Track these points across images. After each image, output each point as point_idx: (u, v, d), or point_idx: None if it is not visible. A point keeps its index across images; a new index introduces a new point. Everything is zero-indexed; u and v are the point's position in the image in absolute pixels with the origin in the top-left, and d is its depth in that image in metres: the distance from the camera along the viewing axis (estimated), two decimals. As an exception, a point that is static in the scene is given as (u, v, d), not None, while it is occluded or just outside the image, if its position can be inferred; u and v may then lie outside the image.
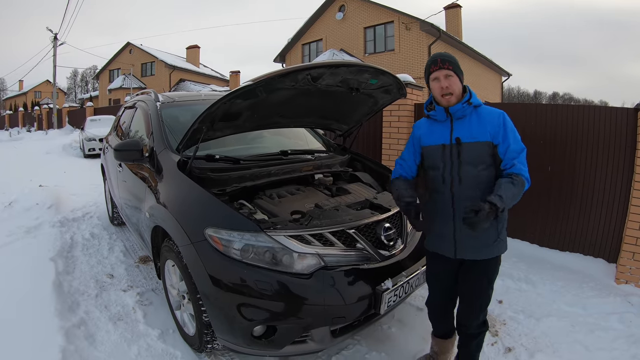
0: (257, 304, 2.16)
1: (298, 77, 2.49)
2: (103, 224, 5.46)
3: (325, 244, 2.35)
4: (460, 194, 2.14)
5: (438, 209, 2.24)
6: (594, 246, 4.28)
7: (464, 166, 2.12)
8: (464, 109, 2.13)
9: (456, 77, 2.12)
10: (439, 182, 2.21)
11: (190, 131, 2.64)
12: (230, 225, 2.26)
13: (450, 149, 2.15)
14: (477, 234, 2.07)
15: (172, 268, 2.81)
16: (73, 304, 3.24)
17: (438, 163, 2.20)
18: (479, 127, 2.10)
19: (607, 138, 4.13)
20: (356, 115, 3.46)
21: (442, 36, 18.18)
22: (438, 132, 2.21)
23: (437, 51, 18.21)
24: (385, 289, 2.33)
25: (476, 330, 2.33)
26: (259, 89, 2.44)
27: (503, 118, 2.10)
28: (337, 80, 2.73)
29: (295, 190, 3.01)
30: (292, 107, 3.00)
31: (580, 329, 3.11)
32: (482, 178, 2.11)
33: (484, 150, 2.10)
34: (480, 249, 2.18)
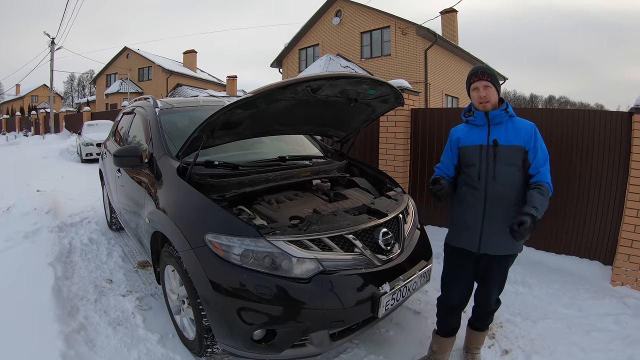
0: (256, 308, 2.19)
1: (298, 89, 2.53)
2: (101, 229, 5.47)
3: (323, 248, 2.38)
4: (493, 190, 2.38)
5: (470, 202, 2.47)
6: (589, 249, 4.32)
7: (498, 165, 2.38)
8: (501, 116, 2.39)
9: (493, 88, 2.39)
10: (475, 177, 2.45)
11: (190, 139, 2.67)
12: (230, 231, 2.29)
13: (487, 149, 2.41)
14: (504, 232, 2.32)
15: (171, 273, 2.83)
16: (72, 309, 3.25)
17: (475, 161, 2.45)
18: (514, 133, 2.37)
19: (602, 142, 4.17)
20: (354, 123, 3.51)
21: (438, 41, 18.22)
22: (476, 135, 2.47)
23: (434, 56, 18.60)
24: (383, 292, 2.37)
25: (495, 305, 2.66)
26: (259, 100, 2.47)
27: (534, 129, 2.40)
28: (336, 91, 2.78)
29: (294, 195, 3.04)
30: (291, 115, 3.04)
31: (577, 330, 3.14)
32: (514, 178, 2.38)
33: (517, 154, 2.36)
34: (503, 246, 2.41)
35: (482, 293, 2.62)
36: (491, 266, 2.49)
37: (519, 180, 2.39)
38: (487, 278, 2.55)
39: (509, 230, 2.25)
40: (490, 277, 2.53)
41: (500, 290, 2.62)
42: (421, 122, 5.51)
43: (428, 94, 17.94)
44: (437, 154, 5.34)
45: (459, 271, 2.60)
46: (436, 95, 19.18)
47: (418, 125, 5.53)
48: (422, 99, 15.09)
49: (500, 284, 2.58)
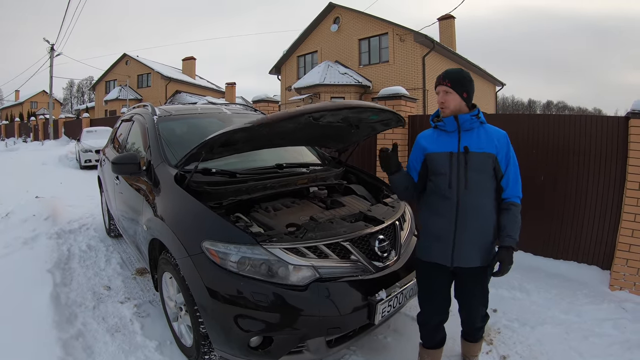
0: (253, 315, 2.19)
1: (300, 119, 2.54)
2: (100, 236, 5.47)
3: (320, 256, 2.39)
4: (465, 199, 2.28)
5: (441, 213, 2.35)
6: (587, 254, 4.32)
7: (470, 173, 2.27)
8: (471, 121, 2.29)
9: (454, 93, 2.28)
10: (445, 186, 2.33)
11: (189, 154, 2.70)
12: (227, 238, 2.30)
13: (457, 156, 2.30)
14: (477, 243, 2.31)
15: (169, 280, 2.83)
16: (71, 315, 3.25)
17: (444, 169, 2.33)
18: (486, 140, 2.29)
19: (600, 146, 4.20)
20: (354, 138, 3.51)
21: (436, 47, 18.28)
22: (445, 142, 2.35)
23: (431, 62, 18.64)
24: (379, 299, 2.38)
25: (482, 322, 2.58)
26: (260, 127, 2.43)
27: (507, 138, 2.33)
28: (338, 118, 2.79)
29: (291, 203, 3.05)
30: (292, 136, 3.06)
31: (575, 336, 3.14)
32: (485, 185, 2.30)
33: (488, 161, 2.28)
34: (476, 258, 2.31)
35: (465, 311, 2.54)
36: (467, 280, 2.40)
37: (491, 188, 2.32)
38: (465, 294, 2.47)
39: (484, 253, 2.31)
40: (469, 292, 2.45)
41: (484, 305, 2.52)
42: (419, 128, 5.51)
43: (426, 101, 17.97)
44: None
45: (434, 288, 2.48)
46: (434, 101, 18.90)
47: (416, 132, 5.50)
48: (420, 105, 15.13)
49: (481, 298, 2.48)
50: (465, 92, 2.28)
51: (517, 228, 2.28)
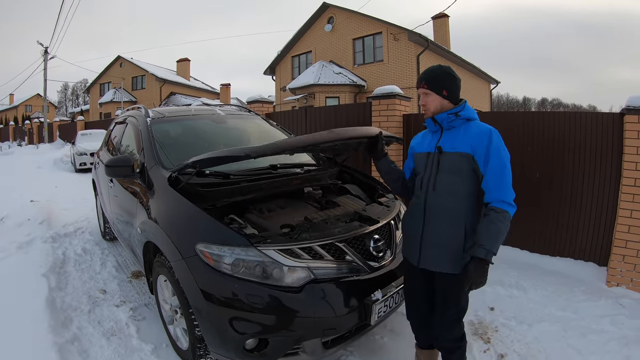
0: (248, 317, 2.18)
1: (294, 151, 2.52)
2: (95, 239, 5.44)
3: (314, 257, 2.37)
4: (432, 201, 2.22)
5: (412, 212, 2.35)
6: (584, 250, 4.34)
7: (440, 174, 2.20)
8: (449, 119, 2.19)
9: (433, 94, 2.21)
10: (418, 186, 2.33)
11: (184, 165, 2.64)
12: (220, 240, 2.28)
13: (432, 157, 2.25)
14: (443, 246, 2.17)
15: (164, 283, 2.82)
16: (66, 319, 3.22)
17: (421, 169, 2.32)
18: (462, 139, 2.15)
19: (595, 143, 4.21)
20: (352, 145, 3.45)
21: (430, 46, 18.28)
22: (428, 142, 2.32)
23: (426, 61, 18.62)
24: (375, 300, 2.36)
25: (452, 344, 2.31)
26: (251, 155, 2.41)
27: (490, 134, 2.10)
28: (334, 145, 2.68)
29: (285, 203, 3.03)
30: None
31: (572, 333, 3.14)
32: (456, 188, 2.16)
33: (461, 162, 2.14)
34: (442, 262, 2.19)
35: (435, 319, 2.34)
36: (438, 286, 2.27)
37: (462, 192, 2.15)
38: (437, 301, 2.30)
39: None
40: (440, 299, 2.28)
41: (454, 322, 2.28)
42: (413, 127, 5.54)
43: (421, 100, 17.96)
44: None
45: (411, 286, 2.46)
46: (429, 100, 19.16)
47: (411, 131, 5.55)
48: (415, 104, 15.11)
49: (451, 310, 2.24)
50: (444, 89, 2.19)
51: (492, 237, 1.99)
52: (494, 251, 1.99)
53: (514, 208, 2.06)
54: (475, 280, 1.99)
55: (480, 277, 1.99)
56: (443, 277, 2.21)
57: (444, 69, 2.23)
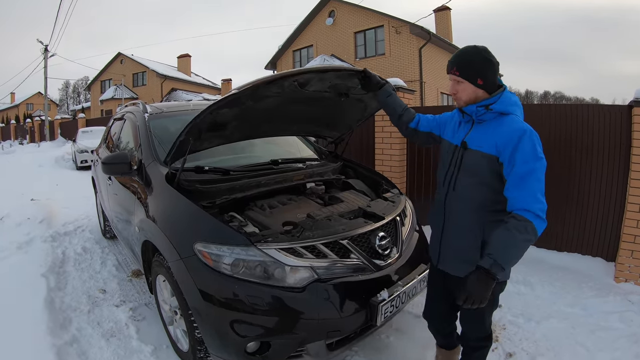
0: (249, 319, 2.10)
1: (284, 84, 2.43)
2: (95, 238, 5.38)
3: (318, 255, 2.28)
4: (451, 201, 2.03)
5: (435, 209, 2.17)
6: (591, 245, 4.27)
7: (461, 173, 1.97)
8: (478, 113, 1.90)
9: (466, 83, 1.88)
10: (440, 182, 2.11)
11: (177, 143, 2.58)
12: (219, 240, 2.20)
13: (457, 152, 2.00)
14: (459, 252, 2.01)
15: (163, 283, 2.75)
16: (65, 320, 3.17)
17: (445, 161, 2.09)
18: (490, 136, 1.86)
19: (603, 135, 4.13)
20: (347, 121, 3.41)
21: (433, 39, 18.24)
22: (457, 131, 2.07)
23: (428, 54, 18.54)
24: (381, 300, 2.27)
25: (476, 342, 2.21)
26: (244, 98, 2.38)
27: (520, 136, 1.76)
28: (325, 86, 2.68)
29: (287, 200, 2.96)
30: (280, 114, 2.95)
31: (581, 330, 3.07)
32: (474, 194, 1.92)
33: (485, 164, 1.86)
34: (460, 266, 2.01)
35: (460, 318, 2.24)
36: (454, 289, 2.05)
37: (482, 197, 1.90)
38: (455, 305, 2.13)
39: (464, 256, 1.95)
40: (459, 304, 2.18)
41: (478, 324, 2.15)
42: (417, 120, 5.43)
43: (423, 93, 17.94)
44: (434, 153, 5.31)
45: (431, 283, 2.36)
46: (431, 93, 19.18)
47: (414, 124, 5.44)
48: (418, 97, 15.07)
49: (475, 316, 2.09)
50: (479, 77, 1.85)
51: (503, 247, 1.69)
52: (501, 264, 1.67)
53: (542, 222, 1.71)
54: (473, 294, 1.68)
55: (481, 292, 1.68)
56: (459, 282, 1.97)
57: (479, 51, 1.87)
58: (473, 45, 1.90)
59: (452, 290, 2.09)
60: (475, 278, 1.69)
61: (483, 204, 1.91)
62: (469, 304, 1.70)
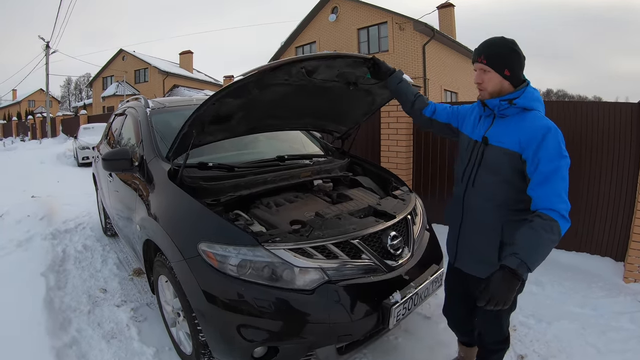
0: (256, 323, 2.01)
1: (292, 70, 2.33)
2: (96, 235, 5.31)
3: (328, 256, 2.19)
4: (470, 198, 2.00)
5: (453, 206, 2.14)
6: (600, 245, 4.22)
7: (481, 169, 1.93)
8: (501, 107, 1.84)
9: (493, 72, 1.82)
10: (459, 177, 2.08)
11: (179, 136, 2.49)
12: (225, 240, 2.10)
13: (477, 147, 1.96)
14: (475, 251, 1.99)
15: (165, 284, 2.65)
16: (64, 321, 3.09)
17: (464, 157, 2.05)
18: (512, 132, 1.81)
19: (612, 134, 4.05)
20: (353, 115, 3.30)
21: (436, 36, 18.14)
22: (477, 125, 2.02)
23: (432, 51, 18.45)
24: (394, 302, 2.16)
25: (493, 346, 2.19)
26: (250, 85, 2.28)
27: (545, 133, 1.72)
28: (334, 74, 2.58)
29: (294, 197, 2.86)
30: (286, 106, 2.85)
31: (592, 331, 3.02)
32: (495, 191, 1.89)
33: (506, 161, 1.82)
34: (476, 266, 2.00)
35: (477, 319, 2.20)
36: (471, 288, 2.07)
37: (502, 195, 1.87)
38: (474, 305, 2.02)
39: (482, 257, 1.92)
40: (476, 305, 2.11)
41: (495, 326, 2.13)
42: (423, 117, 5.35)
43: (427, 90, 17.86)
44: (440, 149, 5.25)
45: (448, 284, 2.36)
46: (435, 90, 19.08)
47: (420, 121, 5.36)
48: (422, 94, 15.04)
49: (493, 317, 2.06)
50: (506, 68, 1.80)
51: (530, 246, 1.61)
52: (528, 264, 1.59)
53: (566, 222, 1.68)
54: (496, 295, 1.60)
55: (505, 293, 1.60)
56: (478, 281, 1.94)
57: (508, 42, 1.84)
58: (501, 37, 1.86)
59: (471, 290, 2.07)
60: (500, 278, 1.62)
61: (503, 202, 1.88)
62: (492, 305, 1.62)
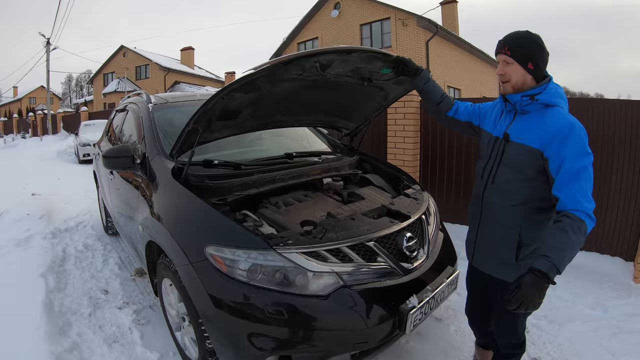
0: (268, 331, 1.89)
1: (305, 64, 2.21)
2: (97, 234, 5.22)
3: (343, 259, 2.07)
4: (489, 195, 1.97)
5: (474, 200, 2.11)
6: (610, 245, 4.15)
7: (501, 167, 1.90)
8: (522, 102, 1.81)
9: (517, 65, 1.79)
10: (479, 175, 2.05)
11: (184, 133, 2.36)
12: (234, 243, 1.99)
13: (498, 144, 1.93)
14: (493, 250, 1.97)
15: (169, 287, 2.54)
16: (64, 325, 2.99)
17: (484, 154, 2.03)
18: (534, 129, 1.78)
19: (624, 132, 3.98)
20: (364, 111, 3.18)
21: (440, 32, 18.02)
22: (498, 121, 2.00)
23: (435, 47, 18.34)
24: (411, 307, 2.05)
25: (509, 350, 2.15)
26: (261, 80, 2.15)
27: (568, 131, 1.68)
28: (348, 70, 2.46)
29: (303, 196, 2.75)
30: (296, 102, 2.72)
31: (604, 333, 2.95)
32: (516, 189, 1.86)
33: (527, 159, 1.79)
34: (494, 265, 1.99)
35: (492, 322, 2.20)
36: (492, 291, 2.08)
37: (522, 193, 1.84)
38: (492, 305, 2.15)
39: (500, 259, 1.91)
40: (494, 305, 2.11)
41: (511, 329, 2.09)
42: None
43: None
44: (448, 146, 5.15)
45: (468, 283, 2.34)
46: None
47: (428, 118, 5.27)
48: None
49: (508, 319, 2.04)
50: (530, 61, 1.77)
51: (561, 248, 1.57)
52: (559, 267, 1.55)
53: (592, 221, 1.63)
54: (527, 300, 1.55)
55: (535, 297, 1.55)
56: (495, 281, 1.99)
57: (534, 36, 1.80)
58: (527, 30, 1.83)
59: (488, 289, 2.11)
60: (532, 282, 1.56)
61: (524, 200, 1.85)
62: (523, 308, 1.57)
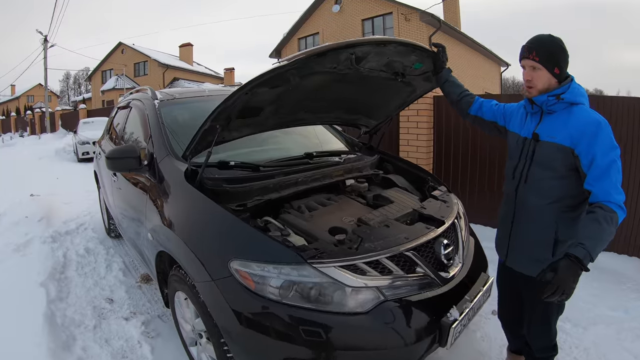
0: (303, 355, 1.70)
1: (341, 56, 2.04)
2: (99, 237, 5.00)
3: (382, 271, 1.88)
4: (522, 196, 1.98)
5: (506, 200, 2.12)
6: (627, 244, 4.07)
7: (533, 166, 1.93)
8: (549, 102, 1.85)
9: (544, 70, 1.83)
10: (510, 176, 2.07)
11: (200, 132, 2.14)
12: (263, 257, 1.78)
13: (528, 144, 1.95)
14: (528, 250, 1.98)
15: (184, 301, 2.32)
16: (68, 338, 2.78)
17: (514, 154, 2.05)
18: (563, 127, 1.82)
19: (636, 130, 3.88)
20: (388, 108, 2.98)
21: (443, 27, 17.86)
22: (525, 122, 2.02)
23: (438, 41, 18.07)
24: (453, 320, 1.87)
25: (540, 353, 2.14)
26: (291, 72, 1.96)
27: (597, 127, 1.74)
28: (382, 63, 2.28)
29: (326, 200, 2.54)
30: (321, 98, 2.53)
31: (627, 335, 2.84)
32: (549, 187, 1.89)
33: (559, 156, 1.83)
34: (529, 264, 1.96)
35: (525, 324, 2.16)
36: (525, 292, 2.08)
37: (556, 191, 1.86)
38: (525, 306, 2.13)
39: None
40: (527, 305, 2.10)
41: (545, 329, 2.07)
42: (445, 110, 5.09)
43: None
44: (462, 144, 4.98)
45: (500, 284, 2.32)
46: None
47: (442, 114, 5.11)
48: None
49: (541, 319, 2.04)
50: (556, 66, 1.82)
51: (595, 237, 1.60)
52: (593, 255, 1.57)
53: (623, 212, 1.68)
54: (562, 285, 1.55)
55: (570, 282, 1.56)
56: (530, 281, 1.94)
57: (558, 41, 1.84)
58: (549, 34, 1.87)
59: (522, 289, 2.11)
60: (568, 267, 1.58)
61: (558, 198, 1.88)
62: (558, 295, 1.58)
